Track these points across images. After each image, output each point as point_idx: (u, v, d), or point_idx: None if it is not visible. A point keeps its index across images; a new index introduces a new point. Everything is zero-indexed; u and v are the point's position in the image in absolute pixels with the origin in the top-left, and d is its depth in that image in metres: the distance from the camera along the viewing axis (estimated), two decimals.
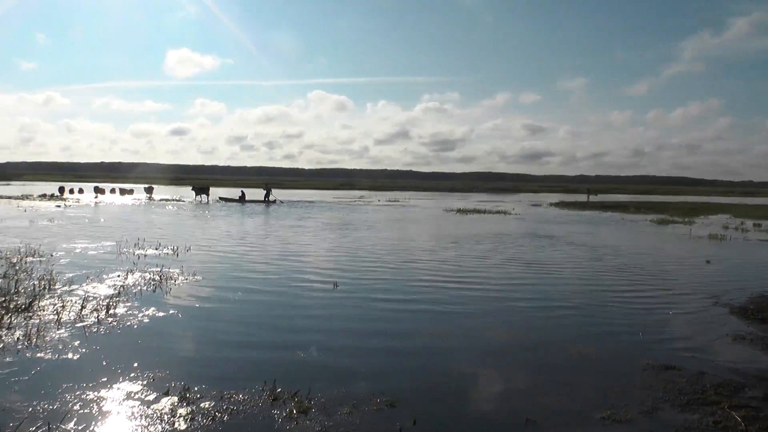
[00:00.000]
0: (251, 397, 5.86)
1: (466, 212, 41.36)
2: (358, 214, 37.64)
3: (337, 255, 16.98)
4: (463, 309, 10.10)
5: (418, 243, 20.89)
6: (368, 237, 22.58)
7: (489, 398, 6.11)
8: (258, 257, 16.05)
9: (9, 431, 4.88)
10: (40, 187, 73.97)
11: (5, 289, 10.20)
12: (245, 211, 38.15)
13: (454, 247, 19.52)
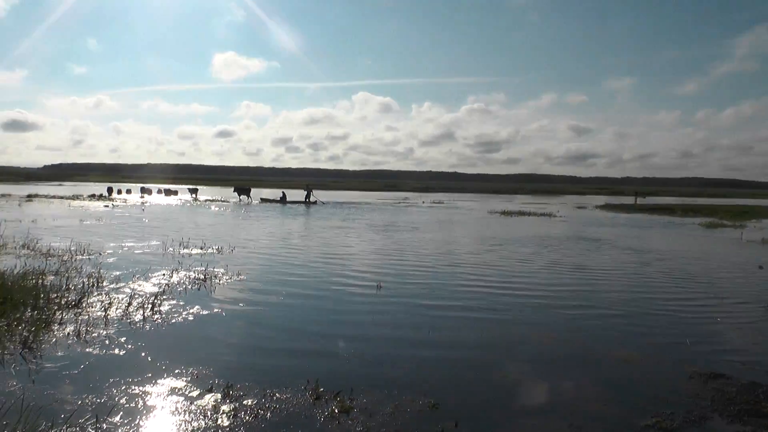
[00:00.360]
0: (294, 395, 5.95)
1: (510, 214, 41.04)
2: (403, 216, 37.72)
3: (381, 256, 17.05)
4: (507, 313, 10.02)
5: (462, 245, 20.79)
6: (412, 239, 22.59)
7: (533, 403, 6.05)
8: (302, 257, 16.25)
9: (61, 421, 5.07)
10: (89, 188, 76.46)
11: (57, 286, 10.58)
12: (288, 211, 38.64)
13: (498, 249, 19.37)
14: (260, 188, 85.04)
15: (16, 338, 7.45)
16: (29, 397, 5.55)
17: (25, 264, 12.76)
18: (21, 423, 4.70)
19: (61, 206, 37.48)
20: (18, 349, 7.06)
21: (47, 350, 7.11)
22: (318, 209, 42.07)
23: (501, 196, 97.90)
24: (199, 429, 5.15)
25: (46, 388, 5.90)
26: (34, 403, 5.36)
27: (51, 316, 8.57)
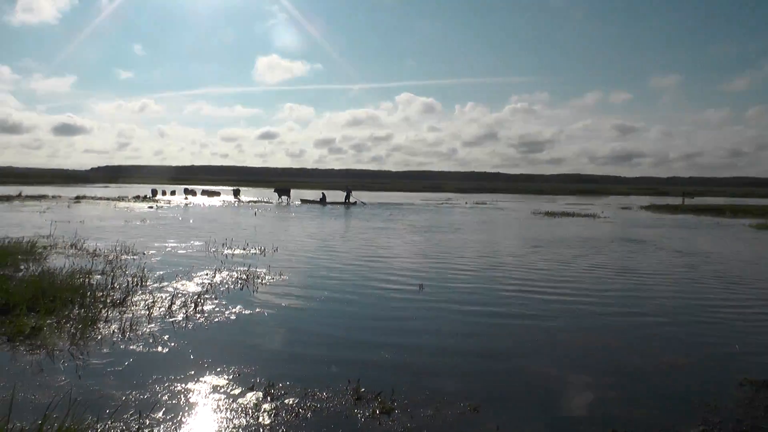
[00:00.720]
0: (335, 395, 5.98)
1: (554, 215, 40.66)
2: (445, 217, 37.72)
3: (423, 258, 17.02)
4: (549, 315, 9.88)
5: (505, 246, 20.60)
6: (454, 240, 22.51)
7: (575, 407, 5.95)
8: (344, 258, 16.36)
9: (106, 416, 5.21)
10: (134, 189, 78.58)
11: (103, 285, 10.90)
12: (328, 213, 38.97)
13: (541, 251, 19.14)
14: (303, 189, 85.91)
15: (65, 335, 7.70)
16: (76, 392, 5.73)
17: (73, 263, 13.21)
18: (69, 416, 4.84)
19: (107, 207, 38.60)
20: (66, 346, 7.30)
21: (93, 347, 7.33)
22: (359, 210, 42.32)
23: (544, 196, 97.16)
24: (241, 427, 5.22)
25: (92, 383, 6.07)
26: (81, 398, 5.53)
27: (97, 314, 8.84)
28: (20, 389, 5.76)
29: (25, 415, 5.12)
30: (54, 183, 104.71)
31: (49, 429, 4.68)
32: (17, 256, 13.78)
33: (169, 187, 72.59)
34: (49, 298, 9.31)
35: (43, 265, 12.97)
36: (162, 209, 38.78)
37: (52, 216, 28.95)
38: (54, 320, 8.31)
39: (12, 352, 7.02)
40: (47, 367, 6.56)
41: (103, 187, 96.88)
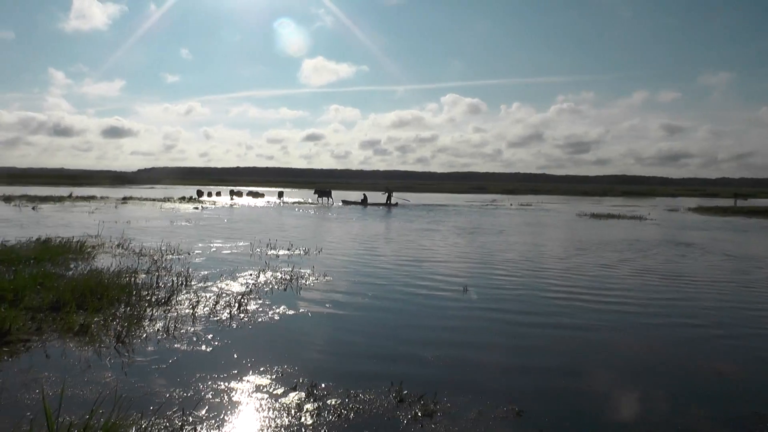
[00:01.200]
0: (377, 397, 6.00)
1: (599, 217, 40.22)
2: (490, 218, 37.60)
3: (467, 260, 16.92)
4: (595, 321, 9.67)
5: (550, 249, 20.30)
6: (499, 242, 22.35)
7: (621, 415, 5.82)
8: (387, 260, 16.39)
9: (150, 413, 5.35)
10: (180, 191, 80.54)
11: (148, 284, 11.19)
12: (371, 214, 39.16)
13: (587, 254, 18.81)
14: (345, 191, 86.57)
15: (111, 332, 7.92)
16: (122, 388, 5.89)
17: (119, 263, 13.61)
18: (115, 412, 4.98)
19: (153, 208, 39.58)
20: (112, 343, 7.51)
21: (138, 345, 7.52)
22: (402, 212, 42.49)
23: (590, 198, 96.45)
24: (283, 426, 5.28)
25: (137, 380, 6.23)
26: (126, 394, 5.68)
27: (142, 312, 9.07)
28: (69, 384, 5.96)
29: (73, 409, 5.29)
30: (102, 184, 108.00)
31: (95, 424, 4.81)
32: (67, 256, 14.27)
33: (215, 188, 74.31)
34: (97, 296, 9.63)
35: (91, 264, 13.41)
36: (207, 210, 39.56)
37: (100, 216, 29.87)
38: (101, 318, 8.56)
39: (62, 348, 7.26)
40: (95, 363, 6.76)
41: (149, 188, 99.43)
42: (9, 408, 5.41)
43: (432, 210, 46.45)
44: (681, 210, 54.16)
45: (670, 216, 44.36)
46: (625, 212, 46.20)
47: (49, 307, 8.98)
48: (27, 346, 7.24)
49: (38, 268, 12.01)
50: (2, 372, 6.31)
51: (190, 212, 36.70)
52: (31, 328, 7.95)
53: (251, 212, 38.89)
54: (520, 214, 44.48)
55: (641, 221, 36.75)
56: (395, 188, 61.56)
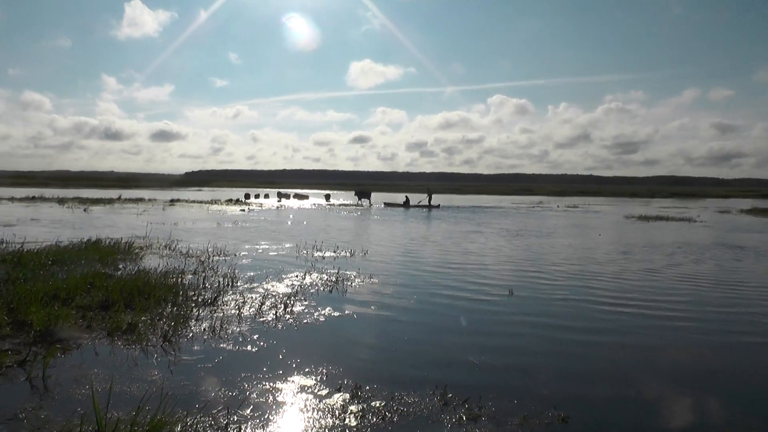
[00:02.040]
0: (421, 399, 6.01)
1: (647, 219, 39.65)
2: (536, 220, 37.51)
3: (513, 263, 16.77)
4: (643, 327, 9.45)
5: (596, 252, 19.89)
6: (545, 244, 22.15)
7: (669, 424, 5.67)
8: (433, 262, 16.39)
9: (195, 410, 5.48)
10: (226, 193, 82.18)
11: (195, 285, 11.46)
12: (415, 216, 39.23)
13: (634, 257, 18.42)
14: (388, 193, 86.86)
15: (158, 332, 8.15)
16: (168, 386, 6.06)
17: (166, 263, 13.99)
18: (161, 410, 5.13)
19: (200, 210, 40.45)
20: (159, 342, 7.73)
21: (185, 344, 7.71)
22: (446, 214, 42.70)
23: (638, 199, 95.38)
24: (327, 428, 5.35)
25: (183, 378, 6.40)
26: (172, 392, 5.85)
27: (189, 312, 9.30)
28: (117, 381, 6.16)
29: (121, 405, 5.47)
30: (150, 187, 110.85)
31: (142, 420, 4.97)
32: (116, 256, 14.73)
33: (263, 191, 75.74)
34: (145, 296, 9.93)
35: (139, 264, 13.80)
36: (253, 212, 40.21)
37: (148, 218, 30.71)
38: (148, 317, 8.82)
39: (110, 345, 7.51)
40: (142, 361, 6.97)
41: (196, 190, 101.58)
42: (61, 402, 5.63)
43: (478, 212, 46.70)
44: (733, 212, 53.03)
45: (721, 218, 43.39)
46: (674, 214, 45.60)
47: (98, 306, 9.31)
48: (78, 344, 7.51)
49: (89, 268, 12.44)
50: (55, 368, 6.57)
51: (237, 214, 37.37)
52: (82, 326, 8.25)
53: (297, 214, 39.36)
54: (567, 216, 44.29)
55: (691, 223, 36.10)
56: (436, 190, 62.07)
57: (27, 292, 9.31)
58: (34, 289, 9.53)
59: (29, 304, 8.71)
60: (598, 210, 54.95)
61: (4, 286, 9.85)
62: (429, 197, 53.56)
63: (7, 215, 30.82)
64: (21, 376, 6.31)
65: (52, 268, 12.12)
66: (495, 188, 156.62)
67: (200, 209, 41.92)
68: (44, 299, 9.15)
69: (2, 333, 7.65)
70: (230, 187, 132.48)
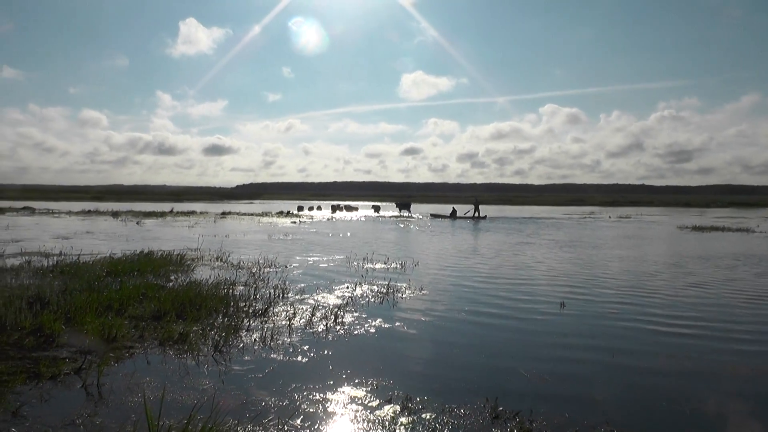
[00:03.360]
0: (472, 412, 5.99)
1: (702, 229, 38.58)
2: (587, 231, 37.10)
3: (564, 274, 16.50)
4: (704, 342, 9.15)
5: (650, 264, 19.35)
6: (596, 256, 21.78)
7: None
8: (482, 273, 16.28)
9: (246, 420, 5.59)
10: (277, 205, 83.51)
11: (246, 296, 11.68)
12: (463, 227, 39.09)
13: (688, 269, 17.92)
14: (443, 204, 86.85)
15: (209, 342, 8.34)
16: (219, 395, 6.20)
17: (217, 275, 14.29)
18: (212, 418, 5.25)
19: (251, 222, 41.16)
20: (210, 352, 7.90)
21: (235, 354, 7.87)
22: (495, 225, 42.53)
23: (692, 209, 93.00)
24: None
25: (234, 388, 6.53)
26: (223, 402, 5.98)
27: (239, 323, 9.49)
28: (169, 390, 6.33)
29: (173, 413, 5.62)
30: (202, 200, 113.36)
31: (193, 428, 5.09)
32: (168, 268, 15.13)
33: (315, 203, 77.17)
34: (196, 306, 10.18)
35: (190, 276, 14.15)
36: (304, 224, 40.70)
37: (199, 230, 31.43)
38: (200, 327, 9.03)
39: (162, 355, 7.72)
40: (193, 370, 7.14)
41: (247, 203, 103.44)
42: (115, 409, 5.82)
43: (528, 223, 46.72)
44: None
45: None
46: (731, 224, 44.25)
47: (150, 317, 9.59)
48: (131, 352, 7.75)
49: (141, 279, 12.84)
50: (109, 376, 6.79)
51: (288, 226, 37.89)
52: (135, 335, 8.50)
53: (348, 226, 39.65)
54: (619, 226, 43.72)
55: (750, 234, 34.95)
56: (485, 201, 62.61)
57: (82, 302, 9.68)
58: (89, 299, 9.90)
59: (85, 314, 9.06)
60: (651, 220, 54.07)
61: (62, 297, 10.23)
62: (476, 208, 53.75)
63: (64, 228, 32.00)
64: (77, 383, 6.55)
65: (106, 280, 12.54)
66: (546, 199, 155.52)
67: (251, 221, 42.64)
68: (99, 309, 9.51)
69: (60, 342, 7.95)
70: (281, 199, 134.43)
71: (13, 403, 5.86)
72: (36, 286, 11.05)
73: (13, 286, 11.35)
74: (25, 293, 10.26)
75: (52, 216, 46.09)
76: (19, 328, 8.37)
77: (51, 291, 10.59)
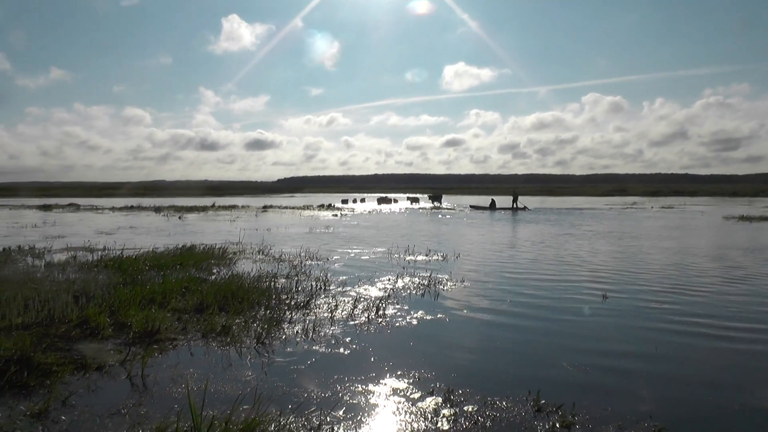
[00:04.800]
0: (514, 405, 5.96)
1: (750, 219, 37.55)
2: (629, 222, 36.59)
3: (605, 266, 16.25)
4: (748, 334, 8.91)
5: (694, 256, 18.88)
6: (638, 247, 21.49)
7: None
8: (524, 265, 16.18)
9: (288, 411, 5.67)
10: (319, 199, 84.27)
11: (287, 288, 11.82)
12: (503, 219, 38.90)
13: (737, 262, 17.53)
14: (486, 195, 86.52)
15: (252, 334, 8.47)
16: (261, 387, 6.29)
17: (259, 268, 14.51)
18: (255, 409, 5.35)
19: (292, 216, 41.58)
20: (253, 344, 8.02)
21: (278, 346, 7.98)
22: (535, 216, 42.43)
23: (739, 198, 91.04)
24: (419, 431, 5.39)
25: (276, 380, 6.62)
26: (265, 393, 6.06)
27: (281, 315, 9.62)
28: (212, 381, 6.45)
29: (216, 404, 5.73)
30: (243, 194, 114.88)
31: (236, 419, 5.19)
32: (210, 261, 15.40)
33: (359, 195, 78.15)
34: (238, 299, 10.34)
35: (232, 269, 14.39)
36: (346, 217, 40.94)
37: (241, 224, 31.89)
38: (242, 320, 9.18)
39: (205, 347, 7.87)
40: (236, 362, 7.26)
41: (288, 196, 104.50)
42: (159, 400, 5.96)
43: (569, 214, 46.48)
44: None
45: None
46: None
47: (193, 309, 9.78)
48: (174, 345, 7.93)
49: (184, 273, 13.10)
50: (153, 367, 6.96)
51: (329, 219, 38.16)
52: (178, 328, 8.69)
53: (389, 218, 39.73)
54: (662, 216, 43.07)
55: None
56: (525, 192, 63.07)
57: (126, 295, 9.94)
58: (133, 292, 10.16)
59: (129, 307, 9.29)
60: (695, 210, 53.18)
61: (106, 290, 10.52)
62: (515, 200, 53.68)
63: (107, 224, 32.83)
64: (122, 374, 6.73)
65: (149, 273, 12.83)
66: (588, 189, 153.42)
67: (292, 215, 43.08)
68: (142, 302, 9.74)
69: (105, 334, 8.18)
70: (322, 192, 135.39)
71: (63, 392, 6.05)
72: (81, 281, 11.38)
73: (60, 280, 11.71)
74: (71, 287, 10.58)
75: (96, 212, 47.34)
76: (66, 320, 8.64)
77: (96, 285, 10.91)
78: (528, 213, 47.22)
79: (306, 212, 47.27)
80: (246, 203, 66.26)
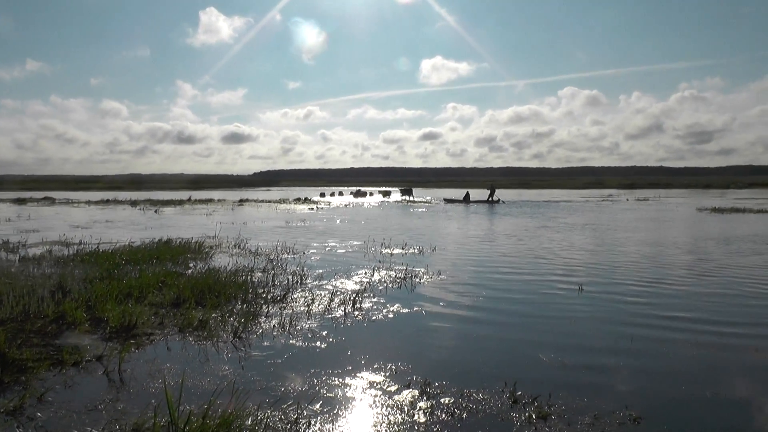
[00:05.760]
0: (491, 397, 6.00)
1: (722, 211, 38.72)
2: (604, 215, 37.07)
3: (581, 258, 16.43)
4: (724, 322, 9.12)
5: (668, 247, 19.23)
6: (613, 239, 21.71)
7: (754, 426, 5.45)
8: (500, 258, 16.27)
9: (266, 405, 5.65)
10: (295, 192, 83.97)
11: (264, 282, 11.77)
12: (477, 212, 39.11)
13: (707, 250, 17.85)
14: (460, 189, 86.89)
15: (228, 328, 8.42)
16: (239, 381, 6.26)
17: (236, 262, 14.42)
18: (232, 403, 5.32)
19: (268, 210, 41.40)
20: (230, 338, 7.98)
21: (255, 340, 7.94)
22: (512, 209, 42.87)
23: (712, 191, 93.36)
24: (396, 423, 5.40)
25: (253, 374, 6.59)
26: (242, 387, 6.04)
27: (258, 309, 9.57)
28: (189, 376, 6.41)
29: (193, 399, 5.70)
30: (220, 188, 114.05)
31: (213, 414, 5.16)
32: (187, 255, 15.27)
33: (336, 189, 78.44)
34: (215, 293, 10.27)
35: (209, 263, 14.27)
36: (322, 210, 40.83)
37: (217, 218, 31.67)
38: (219, 314, 9.12)
39: (182, 341, 7.81)
40: (213, 357, 7.22)
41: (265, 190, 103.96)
42: (136, 395, 5.90)
43: (544, 207, 46.97)
44: None
45: None
46: (752, 206, 44.49)
47: (170, 304, 9.70)
48: (151, 339, 7.86)
49: (160, 267, 12.97)
50: (130, 362, 6.89)
51: (305, 213, 38.05)
52: (155, 322, 8.61)
53: (364, 212, 39.71)
54: (638, 209, 43.93)
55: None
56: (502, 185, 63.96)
57: (103, 290, 9.83)
58: (110, 287, 10.05)
59: (105, 302, 9.18)
60: (670, 203, 54.22)
61: (83, 285, 10.38)
62: (491, 193, 53.91)
63: (83, 218, 32.39)
64: (99, 369, 6.65)
65: (126, 268, 12.69)
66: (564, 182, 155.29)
67: (269, 208, 42.88)
68: (119, 297, 9.63)
69: (81, 329, 8.08)
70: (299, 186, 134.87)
71: (39, 389, 5.97)
72: (57, 275, 11.22)
73: (35, 275, 11.53)
74: (47, 282, 10.43)
75: (72, 206, 46.68)
76: (42, 316, 8.52)
77: (72, 280, 10.76)
78: (504, 206, 47.57)
79: (282, 206, 47.09)
80: (222, 197, 65.84)
